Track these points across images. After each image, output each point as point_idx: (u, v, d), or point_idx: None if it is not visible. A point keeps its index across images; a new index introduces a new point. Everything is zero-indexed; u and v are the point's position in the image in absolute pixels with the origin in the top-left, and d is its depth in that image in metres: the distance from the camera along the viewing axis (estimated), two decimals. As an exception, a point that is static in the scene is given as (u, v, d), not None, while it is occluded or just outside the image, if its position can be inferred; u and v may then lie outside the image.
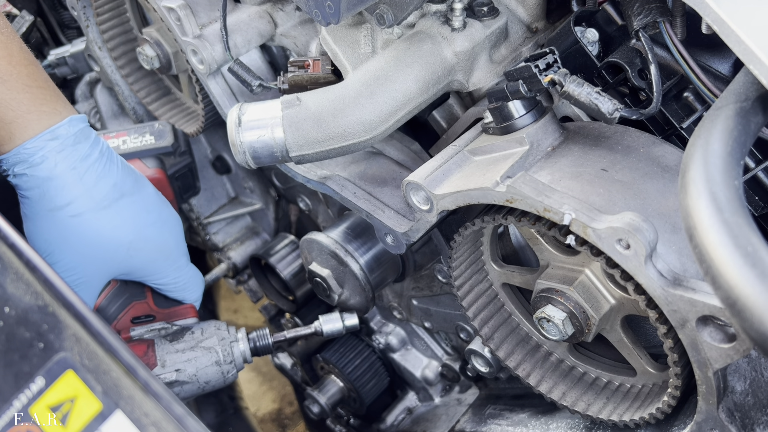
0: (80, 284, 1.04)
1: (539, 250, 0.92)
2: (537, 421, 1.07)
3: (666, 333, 0.75)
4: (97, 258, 1.03)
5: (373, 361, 1.45)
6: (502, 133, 0.87)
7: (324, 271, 1.20)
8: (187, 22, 1.10)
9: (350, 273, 1.17)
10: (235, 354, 1.11)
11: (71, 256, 1.02)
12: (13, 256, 0.70)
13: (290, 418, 2.09)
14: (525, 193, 0.76)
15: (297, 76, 1.03)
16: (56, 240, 1.00)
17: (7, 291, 0.68)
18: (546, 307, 0.88)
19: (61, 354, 0.66)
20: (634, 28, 0.84)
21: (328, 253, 1.18)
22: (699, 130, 0.65)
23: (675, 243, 0.75)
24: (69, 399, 0.65)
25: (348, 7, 0.85)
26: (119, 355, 0.66)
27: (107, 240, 1.03)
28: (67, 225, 1.00)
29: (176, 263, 1.12)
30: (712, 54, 0.88)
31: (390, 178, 1.07)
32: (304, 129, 0.92)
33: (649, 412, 0.86)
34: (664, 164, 0.84)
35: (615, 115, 0.79)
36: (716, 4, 0.67)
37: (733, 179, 0.59)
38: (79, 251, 1.02)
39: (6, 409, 0.63)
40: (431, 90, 0.96)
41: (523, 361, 1.03)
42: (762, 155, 0.84)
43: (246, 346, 1.13)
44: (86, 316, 0.67)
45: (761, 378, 0.79)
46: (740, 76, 0.70)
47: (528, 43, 1.03)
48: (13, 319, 0.66)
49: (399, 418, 1.49)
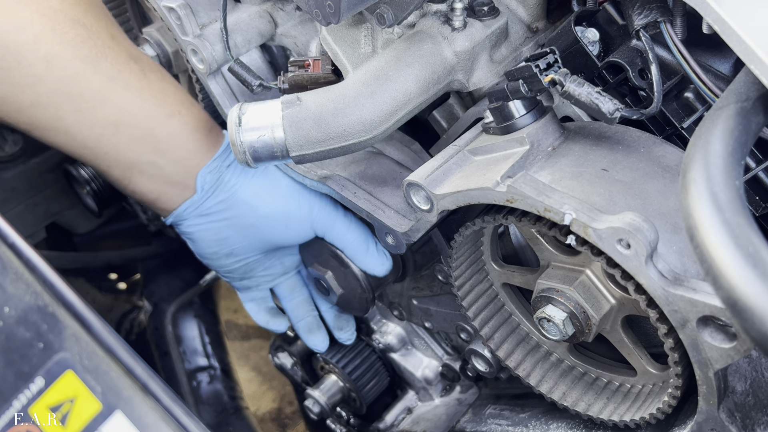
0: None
1: (539, 250, 0.92)
2: (537, 421, 1.07)
3: (666, 333, 0.75)
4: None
5: (373, 361, 1.45)
6: (503, 133, 0.87)
7: (324, 271, 1.20)
8: (187, 22, 1.10)
9: (351, 274, 1.17)
10: None
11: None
12: (13, 256, 0.70)
13: (290, 417, 2.09)
14: (525, 193, 0.76)
15: (297, 75, 1.03)
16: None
17: (7, 291, 0.67)
18: (546, 307, 0.88)
19: (61, 354, 0.66)
20: (634, 27, 0.84)
21: (329, 253, 1.18)
22: (700, 130, 0.65)
23: (676, 243, 0.75)
24: (69, 399, 0.65)
25: (348, 7, 0.85)
26: (119, 355, 0.66)
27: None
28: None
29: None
30: (713, 54, 0.87)
31: (390, 178, 1.07)
32: (304, 129, 0.92)
33: (649, 413, 0.86)
34: (665, 164, 0.84)
35: (616, 115, 0.79)
36: (717, 4, 0.67)
37: (734, 179, 0.58)
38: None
39: (6, 409, 0.63)
40: (431, 90, 0.96)
41: (523, 361, 1.03)
42: (762, 155, 0.84)
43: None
44: (86, 316, 0.67)
45: (762, 378, 0.79)
46: (741, 76, 0.70)
47: (528, 42, 1.03)
48: (13, 319, 0.66)
49: (399, 417, 1.49)
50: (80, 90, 0.95)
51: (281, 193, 1.12)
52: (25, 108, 0.94)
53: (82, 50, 0.94)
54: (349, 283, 1.19)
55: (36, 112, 0.95)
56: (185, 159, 1.06)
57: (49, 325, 0.67)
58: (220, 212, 1.11)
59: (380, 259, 1.15)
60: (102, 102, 0.97)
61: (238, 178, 1.10)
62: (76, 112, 0.96)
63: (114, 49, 0.98)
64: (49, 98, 0.94)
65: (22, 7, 0.90)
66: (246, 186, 1.10)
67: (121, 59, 0.99)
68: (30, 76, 0.92)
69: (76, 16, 0.94)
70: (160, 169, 1.06)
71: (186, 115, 1.06)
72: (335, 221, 1.14)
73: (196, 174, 1.07)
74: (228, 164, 1.09)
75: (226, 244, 1.15)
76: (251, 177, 1.11)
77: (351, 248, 1.14)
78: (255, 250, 1.19)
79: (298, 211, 1.12)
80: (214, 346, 1.90)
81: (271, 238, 1.16)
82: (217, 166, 1.08)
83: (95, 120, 0.98)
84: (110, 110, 0.98)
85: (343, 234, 1.14)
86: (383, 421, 1.49)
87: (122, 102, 0.99)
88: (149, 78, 1.02)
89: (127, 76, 0.99)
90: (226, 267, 1.20)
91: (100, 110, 0.98)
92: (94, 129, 0.98)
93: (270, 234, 1.14)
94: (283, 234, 1.15)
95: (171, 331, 1.87)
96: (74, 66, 0.94)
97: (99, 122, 0.98)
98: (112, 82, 0.97)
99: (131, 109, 1.00)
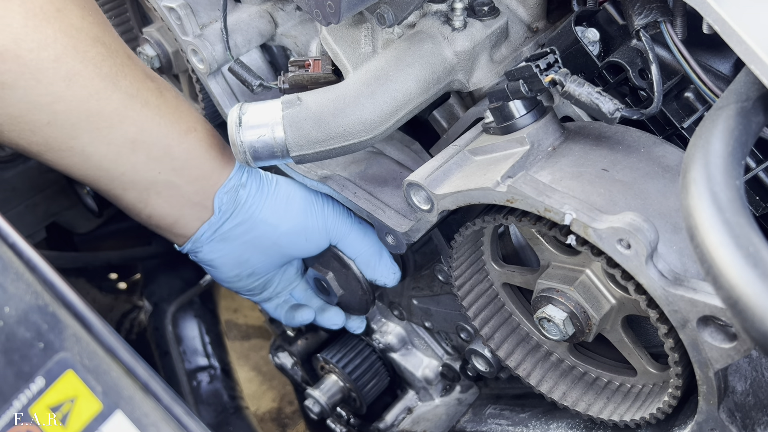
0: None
1: (540, 250, 0.92)
2: (537, 421, 1.07)
3: (667, 333, 0.75)
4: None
5: (374, 360, 1.45)
6: (503, 133, 0.87)
7: (326, 272, 1.20)
8: (188, 22, 1.10)
9: (352, 276, 1.17)
10: None
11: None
12: (13, 256, 0.69)
13: (290, 417, 2.09)
14: (525, 193, 0.76)
15: (297, 75, 1.03)
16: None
17: (8, 291, 0.67)
18: (546, 307, 0.88)
19: (61, 354, 0.66)
20: (634, 27, 0.84)
21: (331, 255, 1.18)
22: (700, 129, 0.65)
23: (676, 243, 0.75)
24: (69, 399, 0.65)
25: (348, 7, 0.85)
26: (119, 355, 0.66)
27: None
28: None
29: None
30: (713, 54, 0.87)
31: (390, 178, 1.07)
32: (304, 129, 0.92)
33: (649, 412, 0.86)
34: (665, 164, 0.84)
35: (616, 115, 0.79)
36: (717, 4, 0.67)
37: (734, 179, 0.58)
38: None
39: (6, 409, 0.63)
40: (432, 90, 0.96)
41: (523, 360, 1.03)
42: (763, 155, 0.84)
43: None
44: (87, 316, 0.67)
45: (762, 378, 0.79)
46: (741, 75, 0.70)
47: (528, 42, 1.03)
48: (14, 319, 0.66)
49: (399, 417, 1.49)
50: (99, 108, 0.94)
51: (298, 207, 1.12)
52: (40, 127, 0.92)
53: (103, 68, 0.93)
54: (349, 285, 1.19)
55: (51, 132, 0.93)
56: (202, 177, 1.06)
57: (50, 325, 0.67)
58: (241, 235, 1.11)
59: (393, 268, 1.16)
60: (121, 120, 0.96)
61: (254, 198, 1.10)
62: (93, 130, 0.95)
63: (131, 68, 0.98)
64: (67, 117, 0.92)
65: (46, 25, 0.88)
66: (264, 205, 1.10)
67: (138, 77, 0.99)
68: (49, 95, 0.90)
69: (96, 35, 0.93)
70: (177, 189, 1.05)
71: (201, 132, 1.06)
72: (350, 230, 1.14)
73: (214, 194, 1.07)
74: (243, 183, 1.09)
75: (248, 265, 1.15)
76: (267, 195, 1.11)
77: (365, 257, 1.15)
78: (275, 266, 1.20)
79: (315, 223, 1.13)
80: (214, 346, 1.90)
81: (293, 253, 1.17)
82: (234, 185, 1.08)
83: (113, 138, 0.97)
84: (129, 128, 0.97)
85: (358, 243, 1.15)
86: (383, 421, 1.49)
87: (141, 119, 0.98)
88: (165, 96, 1.02)
89: (145, 94, 0.99)
90: (248, 287, 1.21)
91: (118, 128, 0.97)
92: (111, 147, 0.97)
93: (291, 249, 1.15)
94: (304, 247, 1.16)
95: (171, 330, 1.87)
96: (94, 84, 0.93)
97: (116, 140, 0.97)
98: (131, 100, 0.97)
99: (149, 126, 0.99)
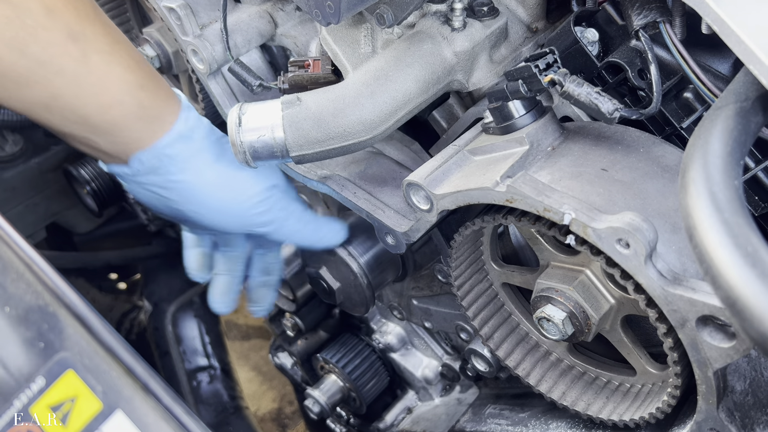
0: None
1: (539, 249, 0.92)
2: (537, 420, 1.07)
3: (666, 332, 0.75)
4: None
5: (373, 360, 1.45)
6: (502, 133, 0.87)
7: (319, 266, 1.20)
8: (188, 22, 1.10)
9: (351, 273, 1.17)
10: None
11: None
12: (13, 256, 0.70)
13: (290, 417, 2.09)
14: (525, 192, 0.76)
15: (297, 75, 1.03)
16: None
17: (8, 290, 0.68)
18: (546, 306, 0.88)
19: (62, 354, 0.66)
20: (634, 28, 0.84)
21: (329, 253, 1.18)
22: (699, 130, 0.65)
23: (675, 243, 0.75)
24: (69, 399, 0.65)
25: (348, 7, 0.85)
26: (120, 354, 0.67)
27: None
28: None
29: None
30: (712, 54, 0.88)
31: (390, 178, 1.07)
32: (304, 129, 0.92)
33: (648, 412, 0.86)
34: (664, 164, 0.84)
35: (615, 115, 0.79)
36: (716, 4, 0.67)
37: (733, 179, 0.59)
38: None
39: (6, 409, 0.64)
40: (431, 90, 0.96)
41: (522, 360, 1.03)
42: (762, 155, 0.84)
43: None
44: (87, 316, 0.67)
45: (761, 378, 0.79)
46: (740, 76, 0.70)
47: (528, 43, 1.03)
48: (13, 319, 0.66)
49: (399, 417, 1.50)
50: (3, 72, 0.88)
51: (223, 195, 1.05)
52: None
53: (6, 33, 0.85)
54: (341, 273, 1.19)
55: None
56: (124, 143, 0.99)
57: (50, 325, 0.67)
58: (159, 190, 1.04)
59: (332, 225, 1.13)
60: (29, 84, 0.90)
61: (177, 174, 1.02)
62: (2, 89, 0.90)
63: (49, 29, 0.88)
64: None
65: None
66: (185, 187, 1.03)
67: (55, 41, 0.89)
68: None
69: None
70: (95, 144, 0.99)
71: (129, 105, 0.97)
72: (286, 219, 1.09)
73: (133, 154, 1.00)
74: (170, 155, 1.01)
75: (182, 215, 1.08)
76: (194, 177, 1.03)
77: (299, 236, 1.11)
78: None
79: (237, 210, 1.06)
80: (214, 346, 1.90)
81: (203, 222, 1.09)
82: (156, 154, 1.00)
83: (24, 98, 0.91)
84: (40, 92, 0.91)
85: (292, 223, 1.09)
86: (383, 420, 1.50)
87: (52, 88, 0.91)
88: (90, 62, 0.92)
89: (60, 61, 0.90)
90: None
91: (27, 91, 0.90)
92: (24, 105, 0.92)
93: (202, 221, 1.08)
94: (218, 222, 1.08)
95: (171, 330, 1.87)
96: None
97: (28, 100, 0.92)
98: (41, 67, 0.89)
99: (63, 94, 0.92)
